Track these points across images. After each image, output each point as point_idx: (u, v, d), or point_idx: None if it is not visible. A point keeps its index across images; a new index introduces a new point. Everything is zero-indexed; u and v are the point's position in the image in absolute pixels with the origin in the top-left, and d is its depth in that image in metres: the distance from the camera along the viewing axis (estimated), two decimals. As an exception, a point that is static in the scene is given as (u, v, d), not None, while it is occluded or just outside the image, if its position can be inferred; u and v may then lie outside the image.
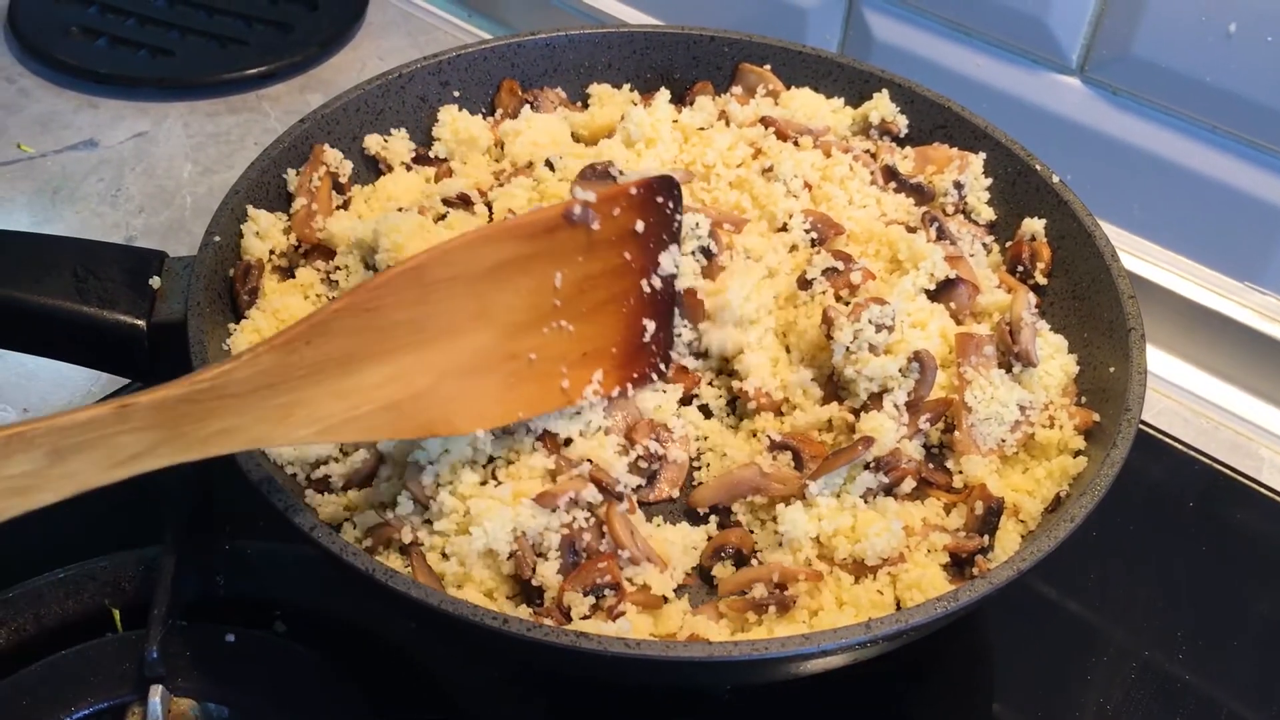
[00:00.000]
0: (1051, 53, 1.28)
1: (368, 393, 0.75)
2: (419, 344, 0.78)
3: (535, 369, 0.84)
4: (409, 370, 0.77)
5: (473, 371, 0.81)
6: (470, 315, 0.80)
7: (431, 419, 0.79)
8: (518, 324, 0.83)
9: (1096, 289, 1.01)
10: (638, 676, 0.82)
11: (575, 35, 1.21)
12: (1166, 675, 1.02)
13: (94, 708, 0.87)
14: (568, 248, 0.84)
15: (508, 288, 0.82)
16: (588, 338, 0.88)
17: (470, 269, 0.80)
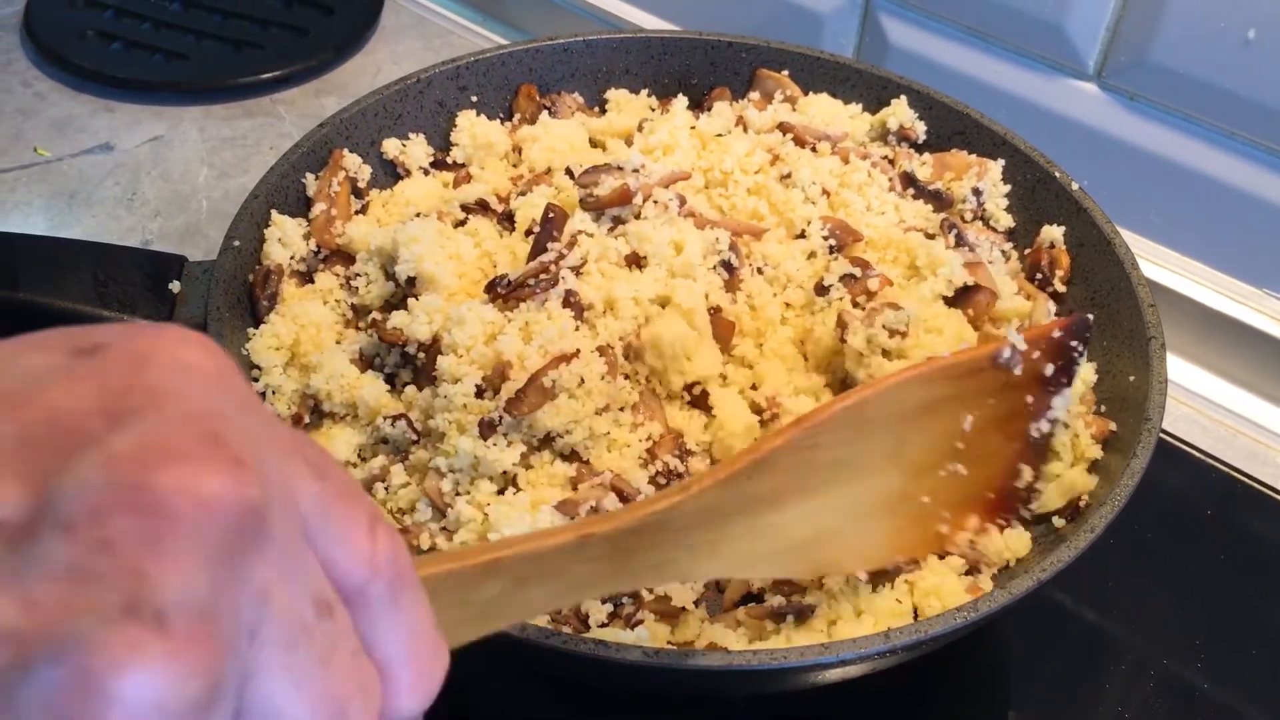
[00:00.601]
0: (1068, 59, 1.27)
1: (783, 530, 0.73)
2: (838, 484, 0.75)
3: (924, 512, 0.82)
4: (824, 509, 0.75)
5: (874, 513, 0.78)
6: (885, 456, 0.78)
7: (826, 560, 0.77)
8: (923, 466, 0.80)
9: (1116, 297, 1.00)
10: (656, 685, 0.82)
11: (593, 40, 1.22)
12: (1184, 684, 1.01)
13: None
14: (985, 390, 0.82)
15: (923, 428, 0.79)
16: (974, 481, 0.84)
17: (899, 408, 0.78)
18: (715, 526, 0.68)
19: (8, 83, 1.57)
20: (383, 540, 0.45)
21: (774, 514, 0.72)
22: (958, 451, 0.81)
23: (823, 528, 0.75)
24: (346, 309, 1.00)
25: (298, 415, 0.92)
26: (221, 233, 1.34)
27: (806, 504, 0.73)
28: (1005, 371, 0.81)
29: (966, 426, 0.80)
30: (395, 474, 0.90)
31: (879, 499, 0.78)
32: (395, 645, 0.45)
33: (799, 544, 0.74)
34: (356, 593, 0.44)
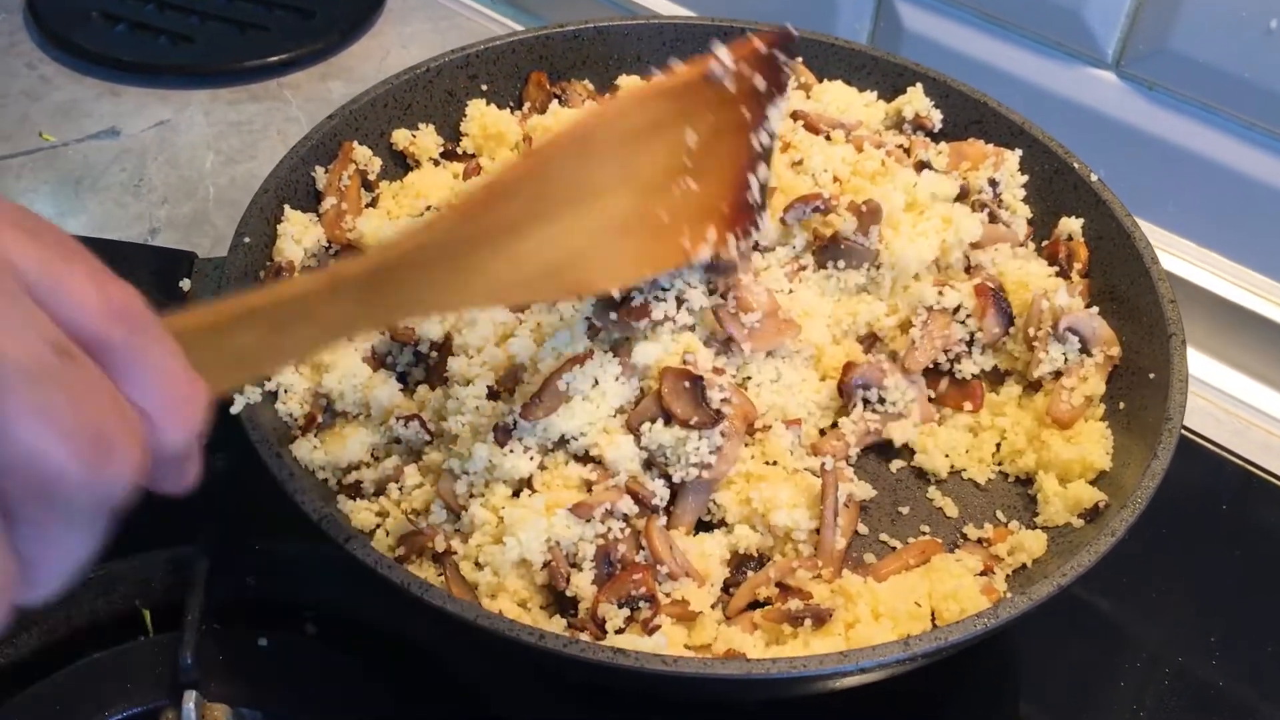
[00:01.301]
0: (1087, 46, 1.26)
1: (532, 255, 0.77)
2: (576, 207, 0.79)
3: (664, 227, 0.85)
4: (566, 232, 0.79)
5: (618, 232, 0.82)
6: (618, 177, 0.82)
7: (578, 280, 0.81)
8: (655, 184, 0.84)
9: (1136, 291, 0.99)
10: (674, 692, 0.82)
11: (603, 27, 1.20)
12: (1200, 680, 1.01)
13: (128, 712, 0.87)
14: (701, 105, 0.85)
15: (650, 148, 0.83)
16: (708, 195, 0.88)
17: (623, 130, 0.81)
18: (461, 259, 0.72)
19: (12, 66, 1.56)
20: (115, 293, 0.49)
21: (519, 242, 0.75)
22: (686, 168, 0.85)
23: (570, 249, 0.79)
24: (358, 304, 1.00)
25: (310, 414, 0.91)
26: (228, 221, 1.34)
27: (549, 228, 0.77)
28: (718, 86, 0.84)
29: (691, 142, 0.84)
30: (409, 474, 0.89)
31: (619, 218, 0.82)
32: (149, 389, 0.49)
33: (550, 267, 0.78)
34: (97, 343, 0.47)
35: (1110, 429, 0.96)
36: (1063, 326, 0.97)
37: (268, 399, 0.91)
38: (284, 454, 0.86)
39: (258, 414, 0.87)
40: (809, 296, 1.00)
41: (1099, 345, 0.98)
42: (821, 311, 1.00)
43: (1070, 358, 0.98)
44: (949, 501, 0.96)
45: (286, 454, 0.88)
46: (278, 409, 0.92)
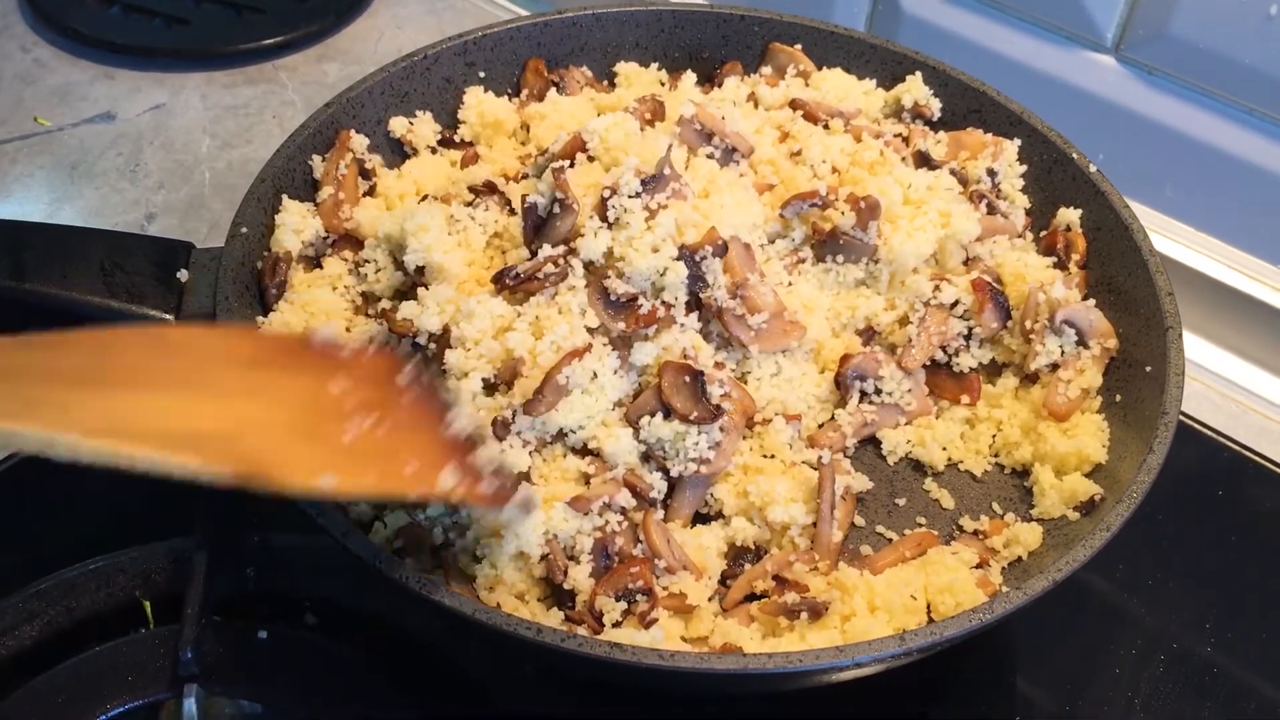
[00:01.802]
0: (1086, 31, 1.25)
1: (160, 415, 0.71)
2: (201, 393, 0.74)
3: (362, 451, 0.76)
4: (205, 411, 0.73)
5: (295, 432, 0.75)
6: (252, 389, 0.77)
7: (262, 462, 0.72)
8: (319, 409, 0.77)
9: (1134, 283, 0.99)
10: (671, 685, 0.83)
11: (602, 14, 1.19)
12: (1196, 662, 1.02)
13: (129, 705, 0.88)
14: (325, 368, 0.79)
15: (279, 380, 0.78)
16: (406, 443, 0.79)
17: (224, 352, 0.78)
18: (43, 386, 0.68)
19: (6, 48, 1.55)
20: None
21: (123, 395, 0.71)
22: (355, 411, 0.77)
23: (222, 427, 0.73)
24: (356, 295, 1.00)
25: (308, 406, 0.91)
26: (225, 206, 1.34)
27: (169, 399, 0.72)
28: (333, 357, 0.80)
29: (338, 391, 0.78)
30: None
31: (291, 421, 0.75)
32: None
33: (211, 434, 0.72)
34: None
35: (1107, 421, 0.96)
36: (1059, 319, 0.97)
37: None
38: (283, 447, 0.86)
39: (256, 407, 0.87)
40: (808, 290, 1.00)
41: (1096, 338, 0.98)
42: (820, 305, 1.00)
43: (1067, 350, 0.98)
44: (945, 493, 0.97)
45: (285, 447, 0.88)
46: (276, 401, 0.92)
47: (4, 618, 0.93)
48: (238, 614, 0.95)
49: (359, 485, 0.76)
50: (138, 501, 1.07)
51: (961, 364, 1.00)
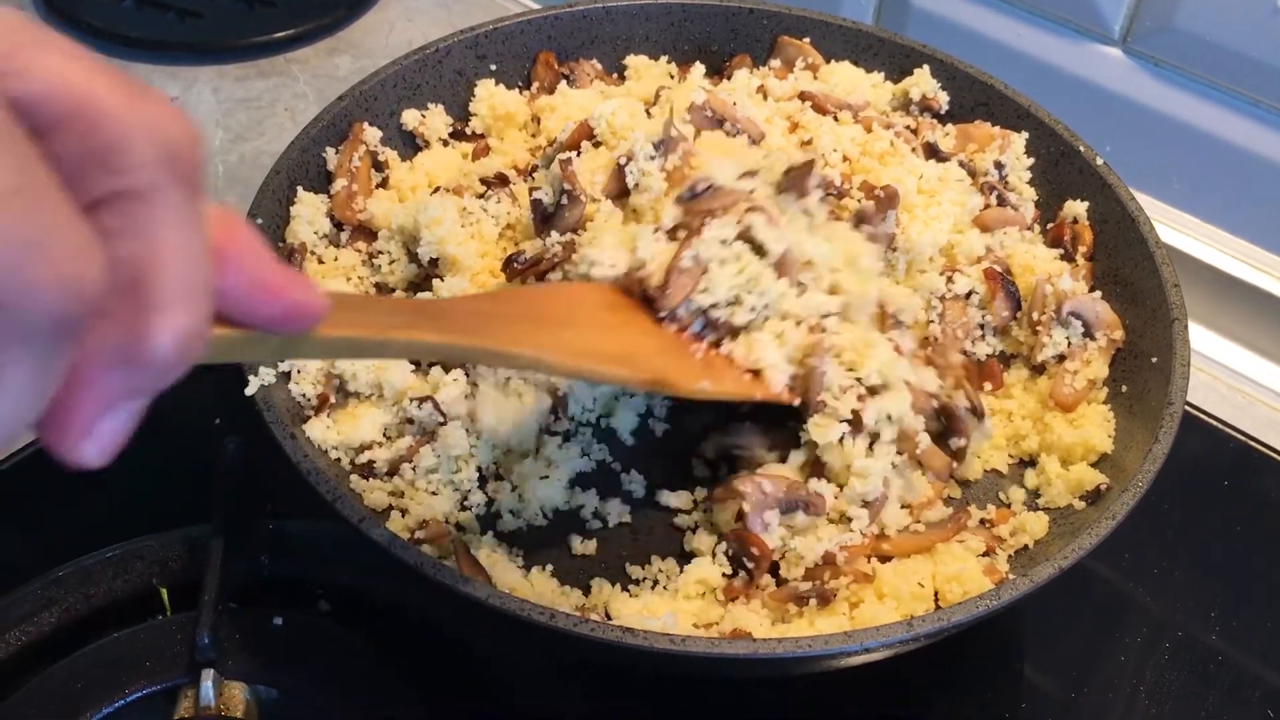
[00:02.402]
0: (1094, 23, 1.26)
1: (578, 340, 0.81)
2: (591, 326, 0.85)
3: (716, 360, 0.89)
4: (601, 337, 0.84)
5: (662, 351, 0.86)
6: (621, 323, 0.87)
7: (659, 371, 0.84)
8: (667, 340, 0.88)
9: (1140, 275, 1.00)
10: (682, 670, 0.84)
11: (612, 7, 1.20)
12: (1201, 650, 1.03)
13: (147, 690, 0.89)
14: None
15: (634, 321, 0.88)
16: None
17: (591, 299, 0.88)
18: (500, 323, 0.76)
19: (20, 42, 1.56)
20: (176, 121, 0.40)
21: (550, 330, 0.80)
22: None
23: (622, 347, 0.84)
24: (369, 287, 1.01)
25: (323, 395, 0.93)
26: (239, 199, 1.35)
27: (579, 332, 0.83)
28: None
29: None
30: (424, 455, 0.91)
31: (655, 345, 0.86)
32: (161, 244, 0.40)
33: (612, 354, 0.82)
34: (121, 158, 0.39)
35: (1113, 412, 0.97)
36: (1066, 310, 0.98)
37: (281, 379, 0.92)
38: (298, 435, 0.88)
39: (272, 395, 0.89)
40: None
41: (1102, 329, 0.99)
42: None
43: (1073, 341, 0.99)
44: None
45: (300, 435, 0.89)
46: (291, 389, 0.93)
47: (23, 604, 0.95)
48: (252, 600, 0.96)
49: (723, 388, 0.88)
50: (154, 490, 1.09)
51: (978, 353, 1.01)
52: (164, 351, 0.40)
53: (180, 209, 0.40)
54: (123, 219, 0.39)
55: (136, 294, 0.40)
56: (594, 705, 0.95)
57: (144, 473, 1.10)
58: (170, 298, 0.40)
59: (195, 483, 1.03)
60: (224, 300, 0.45)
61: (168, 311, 0.40)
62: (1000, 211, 1.06)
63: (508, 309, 0.79)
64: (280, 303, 0.47)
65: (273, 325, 0.47)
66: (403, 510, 0.90)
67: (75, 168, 0.38)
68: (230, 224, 0.45)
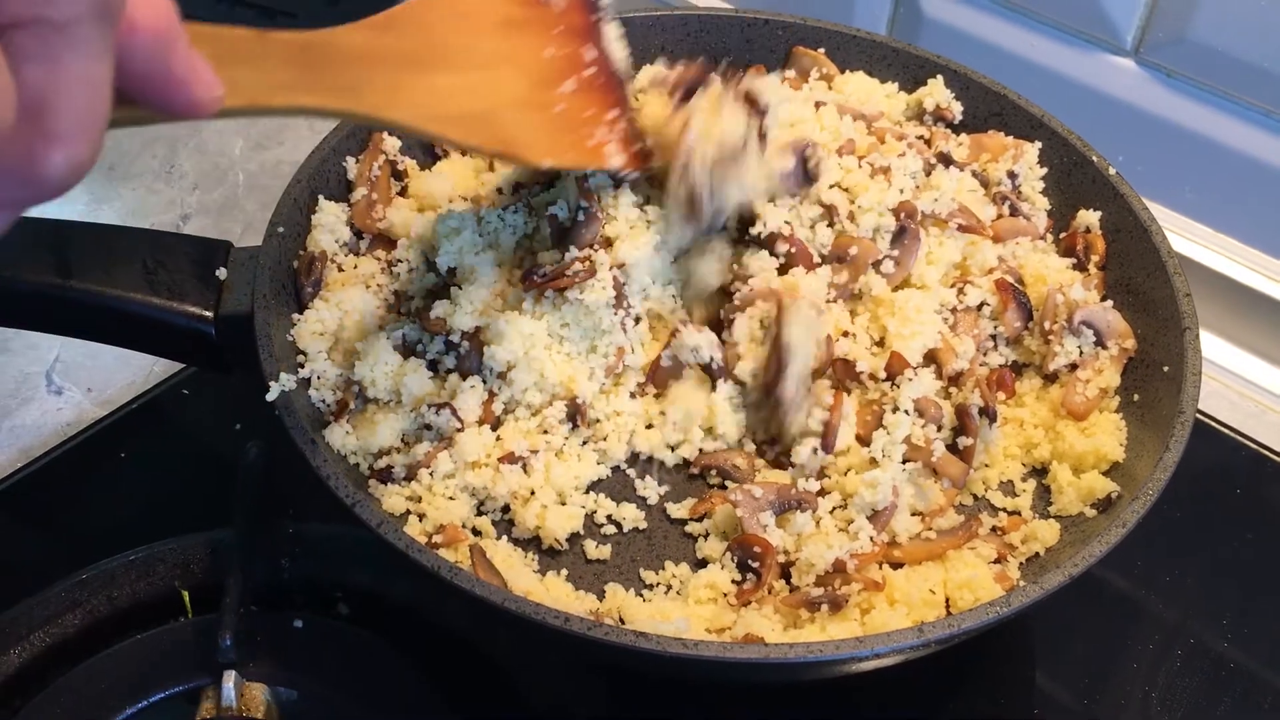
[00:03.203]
0: (1106, 34, 1.27)
1: (448, 95, 0.83)
2: (471, 67, 0.87)
3: (569, 121, 0.92)
4: (474, 88, 0.86)
5: (524, 106, 0.89)
6: (502, 57, 0.90)
7: (508, 138, 0.87)
8: (537, 77, 0.91)
9: (1152, 284, 1.01)
10: (694, 674, 0.85)
11: (628, 17, 1.21)
12: (1213, 659, 1.03)
13: (170, 691, 0.91)
14: (545, 23, 0.94)
15: (520, 42, 0.91)
16: (588, 108, 0.94)
17: (487, 14, 0.90)
18: (383, 70, 0.78)
19: (44, 52, 1.58)
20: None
21: (430, 75, 0.82)
22: (557, 75, 0.92)
23: (485, 106, 0.86)
24: (389, 294, 1.02)
25: (343, 401, 0.94)
26: (259, 206, 1.37)
27: (453, 77, 0.84)
28: (550, 9, 0.94)
29: (549, 55, 0.92)
30: (441, 460, 0.92)
31: (521, 95, 0.89)
32: (67, 74, 0.43)
33: (472, 114, 0.84)
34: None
35: (1125, 421, 0.98)
36: (1078, 320, 0.99)
37: (301, 385, 0.93)
38: (318, 440, 0.89)
39: (292, 401, 0.90)
40: None
41: (1114, 338, 0.99)
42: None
43: (1085, 351, 1.00)
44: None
45: (320, 440, 0.90)
46: (310, 395, 0.94)
47: (48, 606, 0.96)
48: (272, 603, 0.98)
49: (563, 160, 0.91)
50: (176, 494, 1.11)
51: (990, 363, 1.02)
52: (55, 176, 0.43)
53: (94, 41, 0.43)
54: (37, 44, 0.42)
55: (37, 119, 0.42)
56: (608, 709, 0.96)
57: (166, 478, 1.13)
58: (68, 128, 0.43)
59: (216, 487, 1.05)
60: (127, 78, 0.47)
61: (64, 141, 0.43)
62: (1013, 221, 1.06)
63: (398, 44, 0.80)
64: (179, 98, 0.50)
65: (168, 111, 0.50)
66: (420, 515, 0.91)
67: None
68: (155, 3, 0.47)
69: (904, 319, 0.96)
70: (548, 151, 0.89)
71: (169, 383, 1.20)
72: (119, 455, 1.14)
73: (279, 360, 0.91)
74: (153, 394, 1.19)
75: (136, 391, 1.19)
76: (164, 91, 0.49)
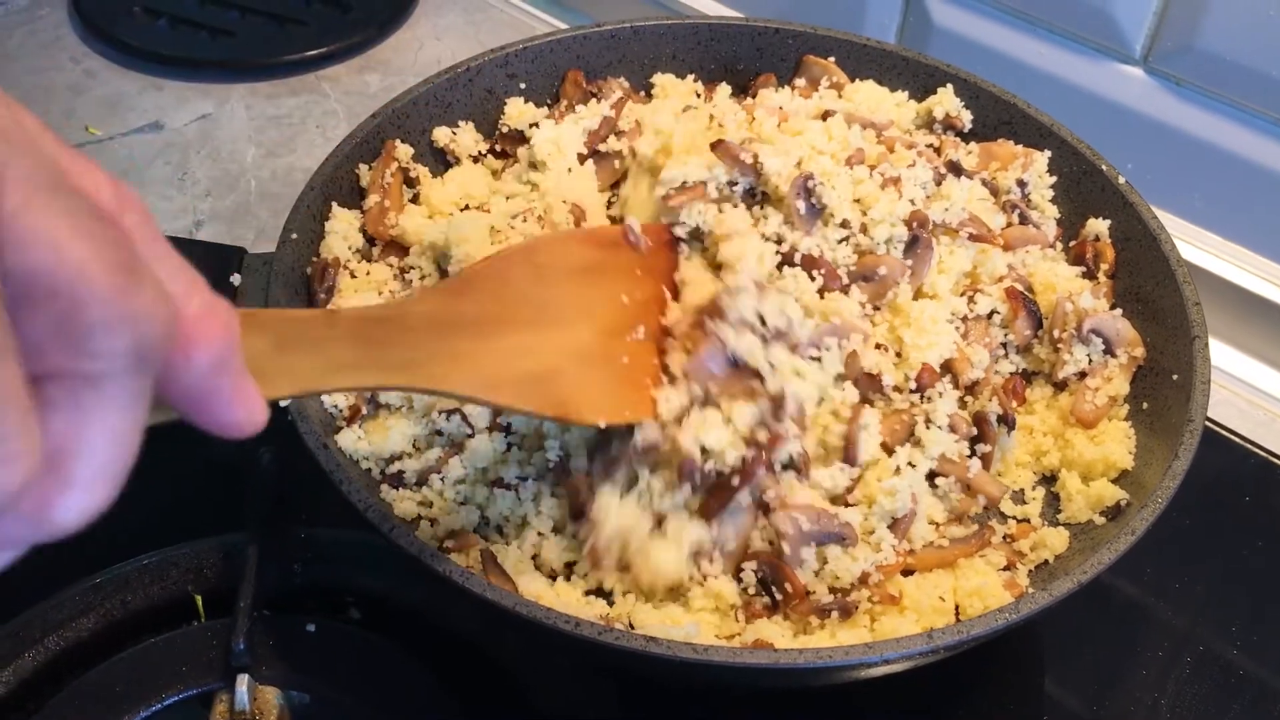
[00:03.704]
0: (1115, 43, 1.27)
1: (512, 357, 0.81)
2: (542, 324, 0.85)
3: (631, 374, 0.89)
4: (539, 347, 0.84)
5: (588, 362, 0.87)
6: (576, 309, 0.88)
7: (564, 400, 0.84)
8: (609, 327, 0.89)
9: (1161, 293, 1.01)
10: (704, 679, 0.85)
11: (640, 26, 1.22)
12: (1222, 666, 1.03)
13: (183, 694, 0.91)
14: (629, 267, 0.92)
15: (597, 290, 0.89)
16: (654, 356, 0.91)
17: (566, 262, 0.89)
18: (450, 338, 0.77)
19: (58, 59, 1.59)
20: (160, 318, 0.41)
21: (498, 339, 0.81)
22: (631, 322, 0.91)
23: (549, 366, 0.84)
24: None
25: (355, 406, 0.95)
26: (271, 213, 1.38)
27: (523, 337, 0.83)
28: (637, 251, 0.94)
29: (626, 301, 0.91)
30: (452, 466, 0.92)
31: (587, 349, 0.87)
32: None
33: (531, 375, 0.82)
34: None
35: (1134, 429, 0.98)
36: (1087, 328, 0.99)
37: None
38: (330, 445, 0.90)
39: (306, 406, 0.90)
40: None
41: (1123, 346, 1.00)
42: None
43: (1094, 359, 1.00)
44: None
45: (333, 445, 0.91)
46: (323, 401, 0.95)
47: (62, 610, 0.97)
48: (284, 608, 0.98)
49: (619, 418, 0.88)
50: (189, 499, 1.11)
51: (1001, 371, 1.02)
52: (65, 522, 0.42)
53: (125, 394, 0.41)
54: (68, 397, 0.40)
55: (57, 467, 0.41)
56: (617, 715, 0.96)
57: (179, 483, 1.13)
58: (86, 478, 0.41)
59: (227, 494, 1.06)
60: (169, 393, 0.45)
61: (80, 490, 0.41)
62: (1023, 230, 1.07)
63: (470, 310, 0.79)
64: (219, 419, 0.47)
65: (200, 426, 0.48)
66: (431, 520, 0.91)
67: (40, 338, 0.39)
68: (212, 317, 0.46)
69: (920, 330, 0.96)
70: (606, 411, 0.86)
71: (181, 389, 1.20)
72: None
73: (292, 366, 0.91)
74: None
75: (149, 398, 1.20)
76: (204, 411, 0.47)
